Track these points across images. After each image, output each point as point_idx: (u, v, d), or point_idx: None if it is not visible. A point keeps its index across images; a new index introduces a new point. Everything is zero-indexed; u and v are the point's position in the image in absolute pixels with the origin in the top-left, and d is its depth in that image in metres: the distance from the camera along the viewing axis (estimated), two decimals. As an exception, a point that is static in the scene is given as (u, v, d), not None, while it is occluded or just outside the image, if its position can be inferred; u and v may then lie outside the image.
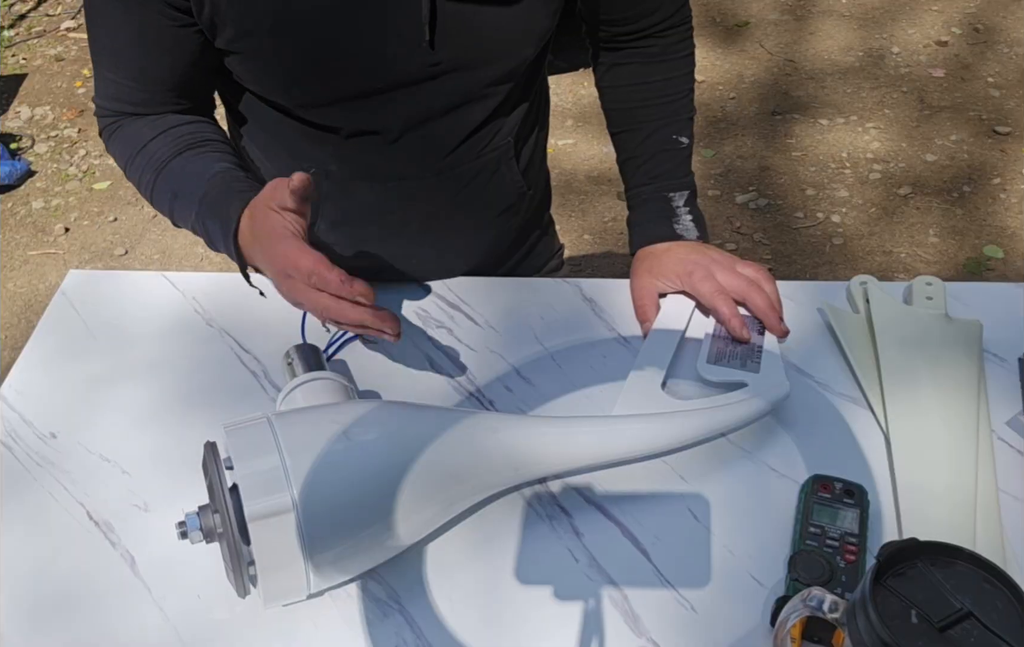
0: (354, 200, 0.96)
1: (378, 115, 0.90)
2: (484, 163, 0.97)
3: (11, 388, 0.90)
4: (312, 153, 0.93)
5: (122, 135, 0.91)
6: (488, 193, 1.00)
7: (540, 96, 1.04)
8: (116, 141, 0.92)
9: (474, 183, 0.97)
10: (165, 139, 0.89)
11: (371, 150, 0.92)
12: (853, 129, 2.78)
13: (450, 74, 0.88)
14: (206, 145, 0.89)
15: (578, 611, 0.71)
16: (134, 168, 0.90)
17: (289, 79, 0.87)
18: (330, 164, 0.94)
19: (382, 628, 0.70)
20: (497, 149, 0.97)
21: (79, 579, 0.74)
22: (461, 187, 0.97)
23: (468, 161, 0.95)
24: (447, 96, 0.90)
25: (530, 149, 1.03)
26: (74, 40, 3.58)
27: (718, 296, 0.90)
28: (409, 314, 0.95)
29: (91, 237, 2.66)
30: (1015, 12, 3.22)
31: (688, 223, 0.97)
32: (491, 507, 0.78)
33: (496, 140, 0.96)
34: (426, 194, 0.97)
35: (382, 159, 0.93)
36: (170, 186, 0.88)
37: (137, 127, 0.90)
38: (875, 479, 0.78)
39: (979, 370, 0.85)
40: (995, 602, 0.55)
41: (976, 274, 2.30)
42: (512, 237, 1.09)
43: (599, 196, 2.58)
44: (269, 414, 0.69)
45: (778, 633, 0.63)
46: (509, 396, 0.87)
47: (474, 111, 0.92)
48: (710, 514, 0.76)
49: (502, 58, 0.90)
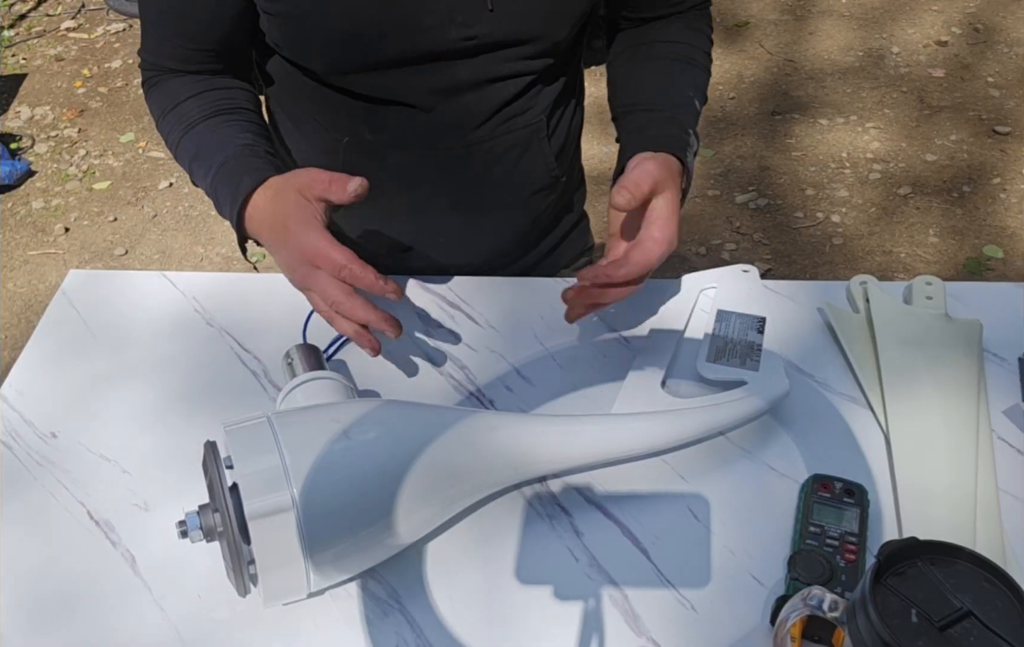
0: (385, 170, 0.97)
1: (411, 84, 0.91)
2: (516, 139, 0.97)
3: (11, 388, 0.90)
4: (344, 121, 0.94)
5: (160, 90, 0.93)
6: (519, 172, 1.00)
7: (575, 82, 1.04)
8: (154, 95, 0.94)
9: (505, 158, 0.98)
10: (199, 101, 0.91)
11: (403, 118, 0.93)
12: (853, 129, 2.78)
13: (483, 51, 0.89)
14: (238, 113, 0.91)
15: (578, 610, 0.71)
16: (165, 123, 0.92)
17: (324, 45, 0.88)
18: (362, 132, 0.94)
19: (382, 627, 0.70)
20: (529, 126, 0.97)
21: (79, 579, 0.74)
22: (492, 162, 0.97)
23: (499, 135, 0.96)
24: (480, 70, 0.90)
25: (563, 132, 1.03)
26: (74, 40, 3.58)
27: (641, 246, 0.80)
28: (409, 314, 0.95)
29: (91, 237, 2.66)
30: (1015, 12, 3.23)
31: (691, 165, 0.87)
32: (491, 507, 0.78)
33: (527, 117, 0.96)
34: (457, 166, 0.97)
35: (414, 128, 0.94)
36: (193, 146, 0.90)
37: (175, 85, 0.92)
38: (875, 479, 0.78)
39: (979, 370, 0.85)
40: (995, 601, 0.55)
41: (976, 274, 2.30)
42: (543, 223, 1.08)
43: (600, 196, 2.58)
44: (269, 413, 0.69)
45: (778, 632, 0.63)
46: (509, 396, 0.87)
47: (507, 86, 0.93)
48: (710, 514, 0.77)
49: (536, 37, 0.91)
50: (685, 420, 0.79)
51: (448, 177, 0.98)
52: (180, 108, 0.91)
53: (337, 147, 0.96)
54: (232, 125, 0.90)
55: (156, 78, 0.94)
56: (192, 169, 0.91)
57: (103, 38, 3.59)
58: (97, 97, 3.26)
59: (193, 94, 0.91)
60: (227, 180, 0.85)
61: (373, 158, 0.96)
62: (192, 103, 0.91)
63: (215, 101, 0.91)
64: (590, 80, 1.11)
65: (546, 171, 1.02)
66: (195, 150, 0.90)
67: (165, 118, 0.92)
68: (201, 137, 0.89)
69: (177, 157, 0.92)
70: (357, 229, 1.04)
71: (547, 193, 1.04)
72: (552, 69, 0.96)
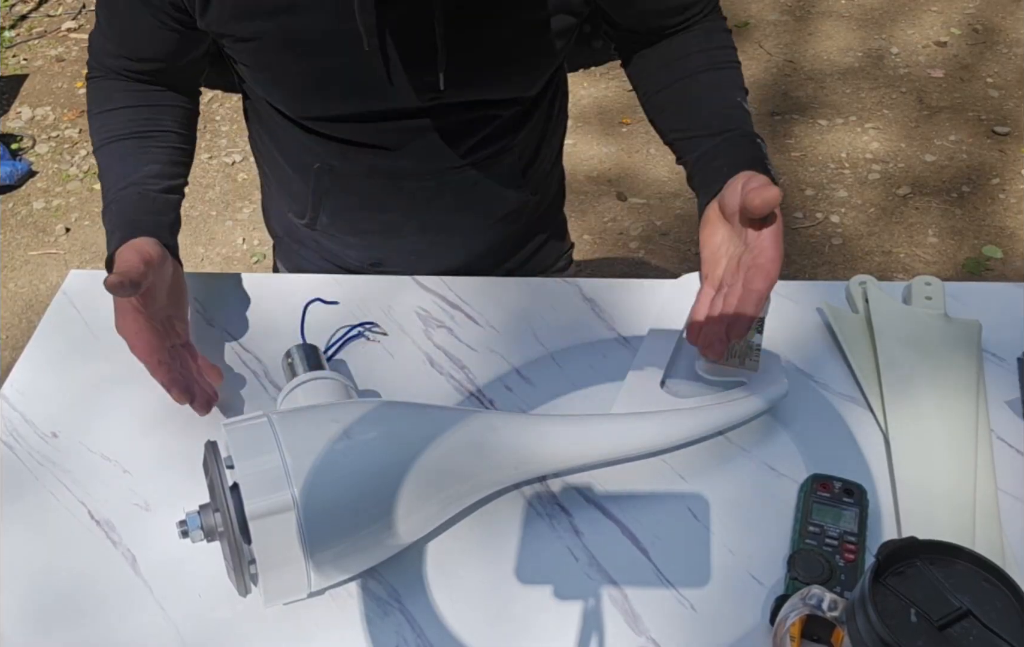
0: (355, 196, 0.97)
1: (377, 131, 0.91)
2: (486, 170, 0.97)
3: (12, 388, 0.90)
4: (316, 149, 0.95)
5: (97, 87, 0.95)
6: (490, 199, 1.00)
7: (553, 108, 1.03)
8: (92, 88, 0.96)
9: (476, 188, 0.98)
10: (124, 115, 0.92)
11: (371, 157, 0.94)
12: (852, 129, 2.78)
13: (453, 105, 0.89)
14: (155, 138, 0.92)
15: (578, 610, 0.71)
16: (93, 123, 0.94)
17: (288, 94, 0.89)
18: (332, 161, 0.95)
19: (382, 626, 0.70)
20: (499, 157, 0.97)
21: (80, 578, 0.74)
22: (463, 191, 0.97)
23: (468, 167, 0.96)
24: (447, 120, 0.91)
25: (539, 158, 1.03)
26: (75, 41, 3.58)
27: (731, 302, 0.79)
28: (409, 314, 0.95)
29: (92, 237, 2.66)
30: (1014, 12, 3.23)
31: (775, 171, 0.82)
32: (491, 506, 0.78)
33: (498, 147, 0.96)
34: (427, 196, 0.97)
35: (385, 163, 0.94)
36: (103, 164, 0.92)
37: (112, 88, 0.94)
38: (874, 478, 0.78)
39: (978, 370, 0.85)
40: (994, 601, 0.55)
41: (975, 274, 2.30)
42: (514, 241, 1.09)
43: (599, 196, 2.58)
44: (269, 413, 0.70)
45: (777, 632, 0.64)
46: (509, 396, 0.87)
47: (476, 129, 0.93)
48: (710, 513, 0.77)
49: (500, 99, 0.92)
50: (685, 420, 0.79)
51: (417, 205, 0.98)
52: (105, 116, 0.93)
53: (308, 172, 0.97)
54: (142, 153, 0.91)
55: (100, 72, 0.95)
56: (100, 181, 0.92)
57: (103, 38, 3.59)
58: (97, 97, 3.26)
59: (122, 106, 0.93)
60: (108, 221, 0.87)
61: (343, 185, 0.97)
62: (118, 116, 0.93)
63: (138, 121, 0.92)
64: (590, 80, 1.11)
65: (517, 196, 1.02)
66: (101, 169, 0.92)
67: (94, 118, 0.94)
68: (109, 158, 0.91)
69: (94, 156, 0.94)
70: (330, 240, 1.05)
71: (518, 215, 1.04)
72: (524, 110, 0.96)
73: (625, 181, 2.67)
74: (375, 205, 0.98)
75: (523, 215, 1.06)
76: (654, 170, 2.72)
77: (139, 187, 0.88)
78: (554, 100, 1.03)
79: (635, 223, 2.54)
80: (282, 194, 1.05)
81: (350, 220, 1.00)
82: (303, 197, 1.00)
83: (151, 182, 0.89)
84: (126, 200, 0.87)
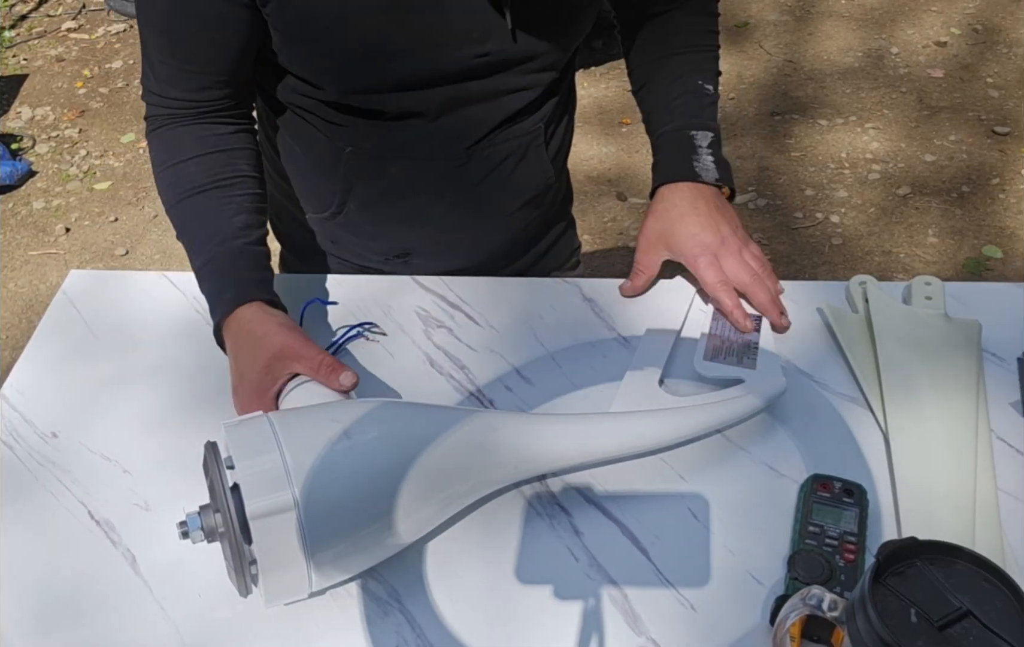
0: (385, 179, 0.97)
1: (420, 101, 0.91)
2: (515, 147, 0.98)
3: (12, 388, 0.90)
4: (348, 134, 0.95)
5: (163, 138, 0.91)
6: (516, 178, 1.00)
7: (571, 89, 1.06)
8: (157, 140, 0.92)
9: (503, 166, 0.98)
10: (200, 164, 0.89)
11: (408, 131, 0.94)
12: (852, 129, 2.79)
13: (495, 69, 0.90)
14: (231, 187, 0.90)
15: (578, 610, 0.71)
16: (163, 177, 0.91)
17: (338, 66, 0.87)
18: (365, 145, 0.95)
19: (382, 626, 0.70)
20: (528, 134, 0.98)
21: (80, 578, 0.74)
22: (490, 169, 0.98)
23: (499, 143, 0.97)
24: (490, 86, 0.91)
25: (558, 139, 1.04)
26: (75, 41, 3.58)
27: (721, 287, 0.90)
28: (409, 314, 0.96)
29: (92, 237, 2.66)
30: (1014, 12, 3.23)
31: (709, 163, 0.95)
32: (491, 506, 0.78)
33: (527, 124, 0.97)
34: (456, 174, 0.97)
35: (418, 139, 0.94)
36: (185, 219, 0.89)
37: (175, 138, 0.90)
38: (874, 478, 0.78)
39: (978, 370, 0.85)
40: (994, 601, 0.55)
41: (975, 274, 2.30)
42: (534, 229, 1.09)
43: (599, 196, 2.58)
44: (269, 413, 0.70)
45: (777, 632, 0.64)
46: (509, 396, 0.87)
47: (513, 100, 0.94)
48: (710, 513, 0.77)
49: (547, 52, 0.92)
50: (682, 418, 0.79)
51: (446, 185, 0.98)
52: (178, 168, 0.90)
53: (339, 158, 0.96)
54: (227, 204, 0.89)
55: (161, 120, 0.91)
56: (181, 238, 0.90)
57: (104, 39, 3.60)
58: (98, 97, 3.26)
59: (195, 154, 0.89)
60: (210, 281, 0.86)
61: (374, 168, 0.97)
62: (193, 166, 0.89)
63: (215, 169, 0.89)
64: (590, 80, 1.12)
65: (543, 177, 1.03)
66: (183, 225, 0.90)
67: (165, 172, 0.91)
68: (192, 212, 0.89)
69: (168, 214, 0.91)
70: (354, 234, 1.04)
71: (540, 198, 1.05)
72: (555, 80, 0.97)
73: (625, 181, 2.67)
74: (405, 188, 0.98)
75: (544, 201, 1.06)
76: (654, 170, 2.72)
77: (232, 242, 0.87)
78: (572, 82, 1.06)
79: (635, 223, 2.55)
80: (304, 195, 1.04)
81: (379, 207, 1.00)
82: (329, 190, 1.00)
83: (242, 234, 0.87)
84: (224, 259, 0.86)
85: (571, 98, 1.06)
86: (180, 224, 0.90)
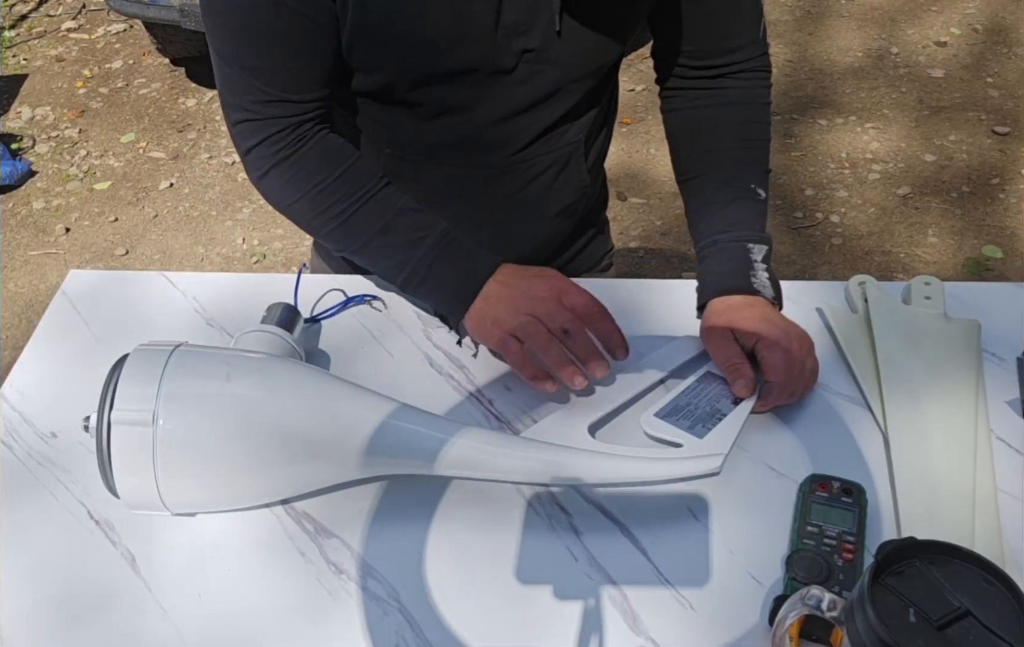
0: (422, 183, 0.97)
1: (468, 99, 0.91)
2: (555, 158, 0.98)
3: (12, 388, 0.90)
4: (390, 134, 0.95)
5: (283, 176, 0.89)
6: (555, 189, 1.00)
7: (612, 101, 1.05)
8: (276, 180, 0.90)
9: (543, 176, 0.98)
10: (354, 177, 0.89)
11: (451, 135, 0.94)
12: (852, 129, 2.79)
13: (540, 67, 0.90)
14: (386, 182, 0.91)
15: (578, 610, 0.71)
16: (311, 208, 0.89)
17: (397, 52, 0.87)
18: (406, 145, 0.96)
19: (382, 626, 0.70)
20: (569, 145, 0.98)
21: (80, 578, 0.74)
22: (530, 179, 0.98)
23: (541, 153, 0.97)
24: (533, 89, 0.91)
25: (597, 150, 1.04)
26: (75, 40, 3.59)
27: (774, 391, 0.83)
28: (409, 314, 0.96)
29: (92, 237, 2.67)
30: (1015, 12, 3.23)
31: (765, 280, 0.89)
32: (491, 507, 0.78)
33: (568, 135, 0.97)
34: (495, 183, 0.97)
35: (460, 145, 0.95)
36: (379, 217, 0.89)
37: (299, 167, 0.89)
38: (873, 478, 0.78)
39: (977, 370, 0.85)
40: (993, 601, 0.55)
41: (975, 274, 2.30)
42: (566, 234, 1.09)
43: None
44: (182, 343, 0.75)
45: (776, 632, 0.64)
46: (508, 396, 0.87)
47: (556, 108, 0.94)
48: (709, 513, 0.77)
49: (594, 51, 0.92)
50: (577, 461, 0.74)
51: (484, 193, 0.98)
52: (353, 170, 0.89)
53: (377, 157, 0.97)
54: (397, 198, 0.90)
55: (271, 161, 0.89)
56: (370, 241, 0.89)
57: (104, 39, 3.60)
58: (98, 97, 3.26)
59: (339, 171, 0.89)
60: (447, 265, 0.88)
61: (411, 171, 0.97)
62: (362, 166, 0.90)
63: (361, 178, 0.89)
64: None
65: (580, 188, 1.03)
66: (385, 221, 0.89)
67: (328, 186, 0.89)
68: (387, 208, 0.89)
69: (341, 231, 0.89)
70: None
71: (575, 207, 1.05)
72: (597, 89, 0.97)
73: (625, 181, 2.67)
74: (441, 194, 0.98)
75: (578, 209, 1.06)
76: (654, 170, 2.72)
77: (436, 229, 0.88)
78: (614, 94, 1.05)
79: (635, 223, 2.55)
80: None
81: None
82: None
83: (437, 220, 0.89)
84: (444, 243, 0.88)
85: (612, 108, 1.05)
86: (375, 227, 0.89)
